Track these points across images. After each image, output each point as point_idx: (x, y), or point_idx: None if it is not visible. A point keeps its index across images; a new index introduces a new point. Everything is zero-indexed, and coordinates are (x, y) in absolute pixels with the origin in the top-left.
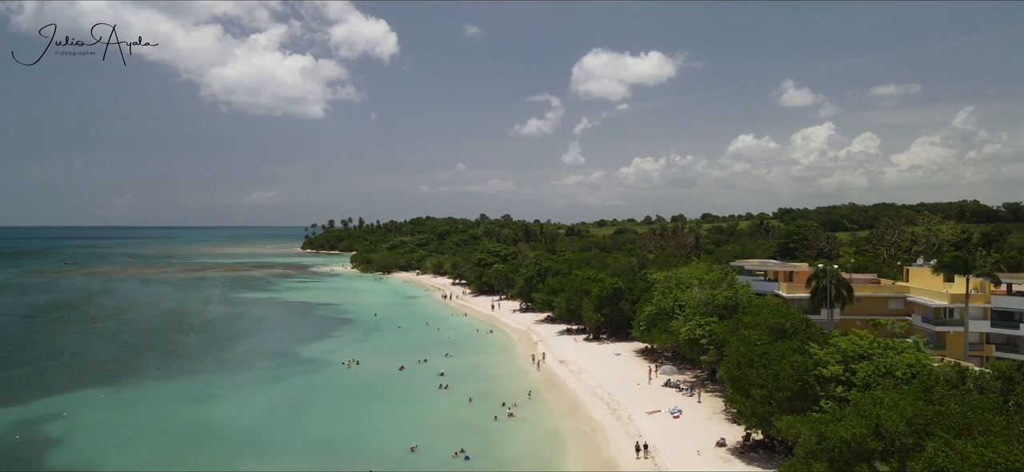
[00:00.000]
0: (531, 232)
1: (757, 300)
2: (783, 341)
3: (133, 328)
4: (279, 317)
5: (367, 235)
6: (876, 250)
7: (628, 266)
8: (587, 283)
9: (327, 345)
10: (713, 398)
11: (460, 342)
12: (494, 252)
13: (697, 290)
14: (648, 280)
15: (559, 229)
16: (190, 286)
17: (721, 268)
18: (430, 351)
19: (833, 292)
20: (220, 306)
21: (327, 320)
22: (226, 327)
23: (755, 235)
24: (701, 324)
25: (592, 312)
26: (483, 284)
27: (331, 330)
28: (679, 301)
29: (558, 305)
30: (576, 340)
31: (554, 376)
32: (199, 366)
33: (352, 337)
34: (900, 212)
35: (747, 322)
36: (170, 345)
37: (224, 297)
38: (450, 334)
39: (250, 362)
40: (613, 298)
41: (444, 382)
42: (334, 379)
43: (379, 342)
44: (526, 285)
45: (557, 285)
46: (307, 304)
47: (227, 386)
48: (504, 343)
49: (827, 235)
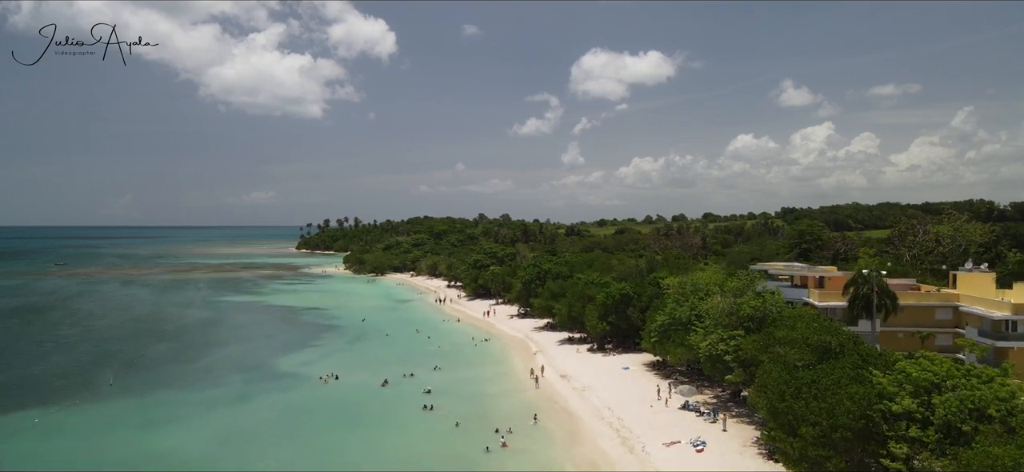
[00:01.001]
0: (530, 232)
1: (788, 311)
2: (828, 362)
3: (98, 336)
4: (259, 323)
5: (363, 235)
6: (898, 251)
7: (635, 269)
8: (591, 288)
9: (306, 356)
10: (741, 425)
11: (451, 353)
12: (490, 253)
13: (719, 299)
14: (658, 285)
15: (558, 229)
16: (173, 288)
17: (745, 273)
18: (418, 363)
19: (876, 301)
20: (198, 310)
21: (310, 327)
22: (200, 335)
23: (762, 235)
24: (725, 338)
25: (596, 320)
26: (479, 287)
27: (313, 338)
28: (697, 310)
29: (559, 312)
30: (578, 350)
31: (555, 394)
32: (158, 381)
33: (335, 346)
34: (905, 211)
35: (781, 338)
36: (132, 356)
37: (206, 300)
38: (441, 342)
39: (216, 377)
40: (620, 305)
41: (429, 402)
42: (307, 398)
43: (363, 352)
44: (524, 289)
45: (558, 290)
46: (291, 309)
47: (183, 407)
48: (499, 354)
49: (841, 235)
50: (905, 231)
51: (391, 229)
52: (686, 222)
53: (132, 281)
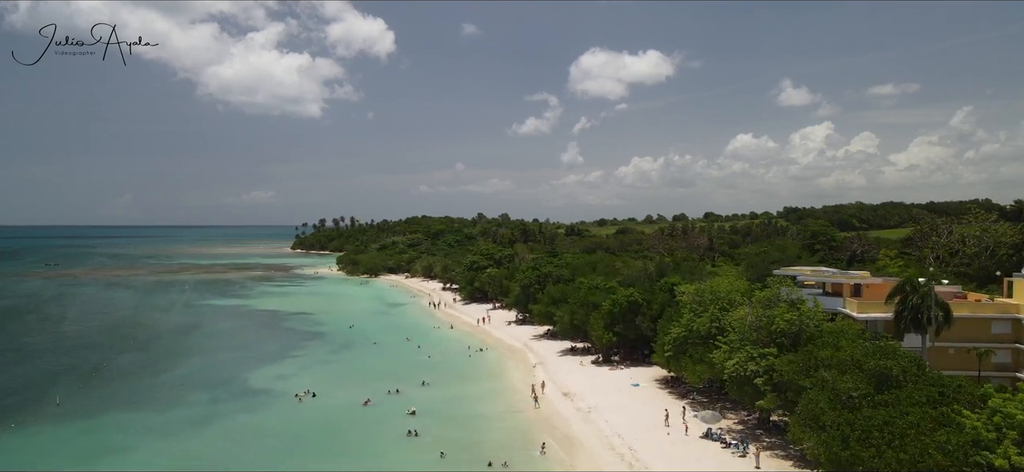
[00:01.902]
0: (529, 232)
1: (827, 325)
2: (890, 393)
3: (64, 344)
4: (239, 330)
5: (358, 235)
6: (921, 253)
7: (643, 273)
8: (595, 294)
9: (283, 369)
10: (775, 459)
11: (443, 364)
12: (487, 254)
13: (747, 310)
14: (671, 292)
15: (558, 229)
16: (156, 291)
17: (776, 281)
18: (405, 377)
19: (927, 313)
20: (177, 316)
21: (294, 334)
22: (173, 343)
23: (771, 235)
24: (754, 357)
25: (602, 330)
26: (475, 290)
27: (294, 347)
28: (718, 322)
29: (561, 319)
30: (582, 363)
31: (556, 416)
32: (113, 400)
33: (317, 356)
34: (909, 210)
35: (826, 359)
36: (93, 368)
37: (187, 304)
38: (433, 352)
39: (180, 395)
40: (628, 313)
41: (414, 426)
42: (277, 421)
43: (347, 364)
44: (523, 293)
45: (559, 295)
46: (277, 314)
47: (134, 433)
48: (495, 366)
49: (857, 235)
50: (928, 231)
51: (387, 229)
52: (688, 222)
53: (116, 283)
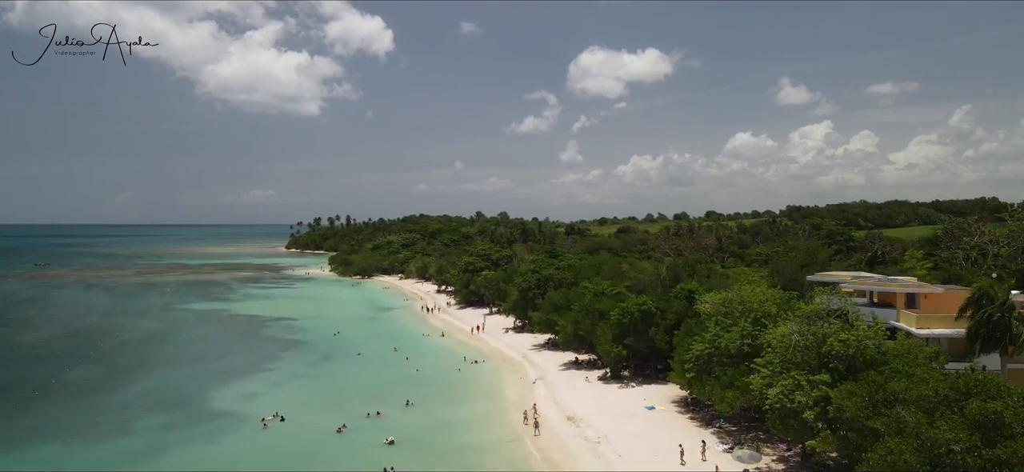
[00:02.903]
0: (528, 231)
1: (889, 346)
2: (1003, 446)
3: (14, 355)
4: (214, 338)
5: (354, 234)
6: (952, 254)
7: (655, 278)
8: (602, 301)
9: (254, 385)
10: None
11: (431, 379)
12: (484, 255)
13: (792, 326)
14: (689, 299)
15: (558, 228)
16: (136, 293)
17: (823, 292)
18: (389, 395)
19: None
20: (150, 321)
21: (272, 343)
22: (136, 354)
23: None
24: (802, 385)
25: (611, 342)
26: (470, 294)
27: (271, 359)
28: (750, 338)
29: (563, 329)
30: (588, 379)
31: (560, 447)
32: (51, 426)
33: (294, 370)
34: (916, 209)
35: (900, 392)
36: (40, 385)
37: (164, 308)
38: (421, 364)
39: (130, 418)
40: (640, 324)
41: (391, 460)
42: (235, 452)
43: (326, 379)
44: (521, 298)
45: (561, 301)
46: (257, 319)
47: (67, 466)
48: (489, 382)
49: (878, 234)
50: (959, 231)
51: (384, 228)
52: (691, 221)
53: (96, 284)
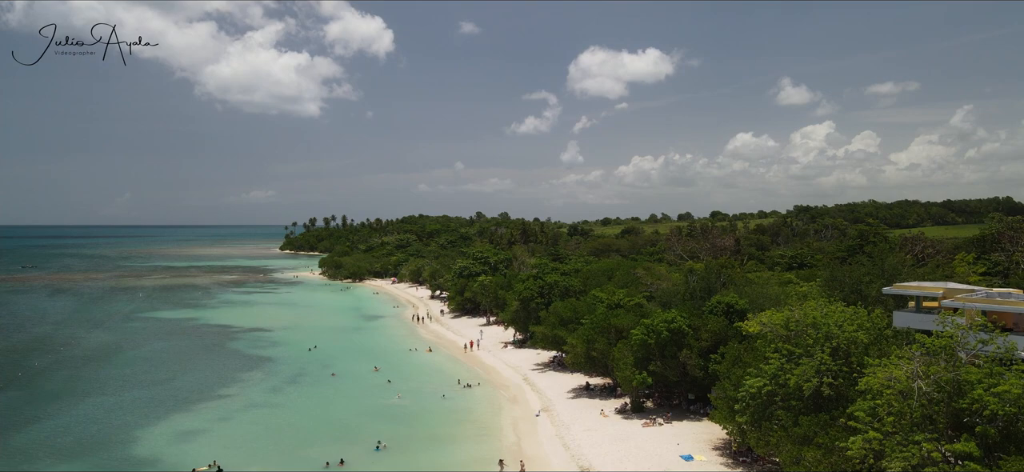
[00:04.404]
0: (530, 232)
1: None
2: None
3: None
4: (170, 354)
5: (349, 235)
6: (1011, 257)
7: (684, 288)
8: (619, 316)
9: (197, 420)
10: None
11: (413, 412)
12: (480, 258)
13: (910, 366)
14: (726, 314)
15: (560, 228)
16: (104, 298)
17: (949, 316)
18: (358, 434)
19: None
20: (105, 333)
21: (235, 360)
22: (68, 376)
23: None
24: (931, 455)
25: (632, 368)
26: (466, 301)
27: (227, 382)
28: (830, 371)
29: (573, 348)
30: (604, 412)
31: None
32: None
33: (251, 397)
34: (929, 209)
35: None
36: None
37: (128, 316)
38: (405, 387)
39: (29, 465)
40: (668, 346)
41: None
42: None
43: (287, 410)
44: (522, 308)
45: (569, 313)
46: (227, 330)
47: None
48: (482, 415)
49: (917, 235)
50: (1016, 231)
51: (380, 229)
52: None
53: (65, 290)
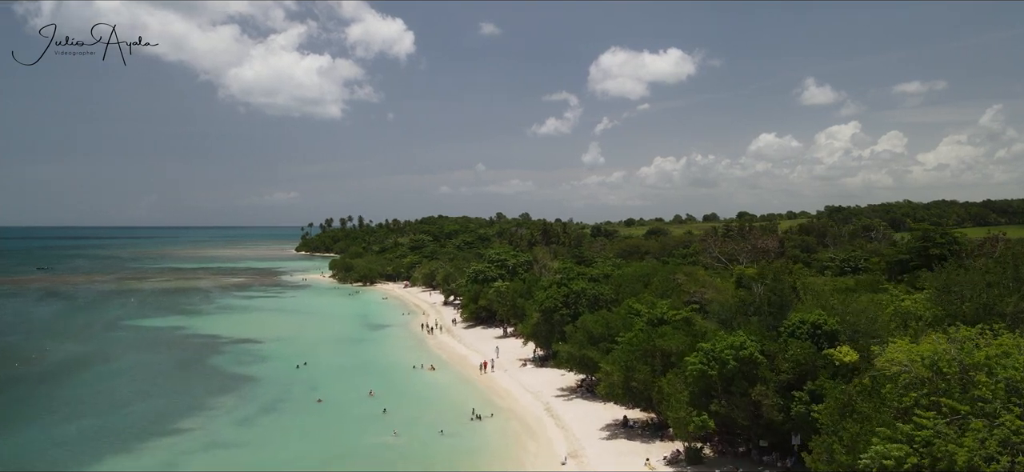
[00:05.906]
0: (551, 232)
1: None
2: None
3: None
4: (139, 372)
5: (365, 236)
6: None
7: (745, 300)
8: (667, 336)
9: (148, 459)
10: None
11: (409, 452)
12: (497, 262)
13: None
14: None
15: (583, 229)
16: (95, 303)
17: None
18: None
19: None
20: (79, 343)
21: (212, 380)
22: (18, 397)
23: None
24: None
25: (687, 406)
26: (480, 309)
27: (193, 410)
28: (1022, 444)
29: (607, 376)
30: (651, 461)
31: None
32: None
33: (212, 433)
34: (969, 209)
35: None
36: None
37: (114, 323)
38: (401, 419)
39: None
40: (736, 379)
41: None
42: None
43: (251, 452)
44: (544, 321)
45: (600, 330)
46: (214, 341)
47: None
48: (493, 462)
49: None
50: None
51: (397, 229)
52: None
53: (58, 292)
